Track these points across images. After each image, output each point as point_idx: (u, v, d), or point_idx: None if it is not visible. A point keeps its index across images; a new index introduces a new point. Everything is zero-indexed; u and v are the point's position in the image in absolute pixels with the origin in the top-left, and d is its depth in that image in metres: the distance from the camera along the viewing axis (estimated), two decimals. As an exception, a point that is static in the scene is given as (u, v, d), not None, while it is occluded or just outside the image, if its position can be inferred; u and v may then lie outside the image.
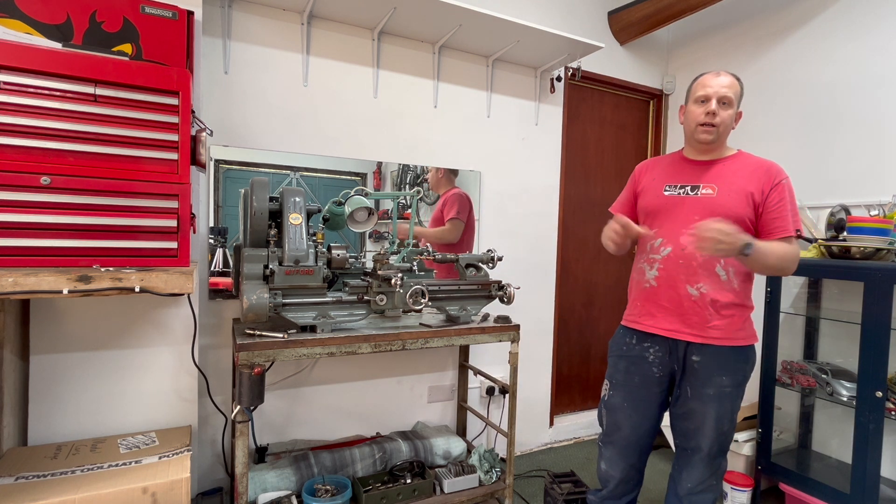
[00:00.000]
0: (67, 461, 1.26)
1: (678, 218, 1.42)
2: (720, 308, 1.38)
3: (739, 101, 1.42)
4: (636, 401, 1.52)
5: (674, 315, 1.42)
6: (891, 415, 1.73)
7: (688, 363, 1.43)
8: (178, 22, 1.39)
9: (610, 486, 1.60)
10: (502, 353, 2.43)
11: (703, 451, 1.45)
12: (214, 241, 1.82)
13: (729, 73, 1.41)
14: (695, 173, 1.46)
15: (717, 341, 1.38)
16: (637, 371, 1.51)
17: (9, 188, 1.08)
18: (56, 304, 1.41)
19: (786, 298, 2.14)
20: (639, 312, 1.51)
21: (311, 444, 1.96)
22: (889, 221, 1.84)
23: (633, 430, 1.53)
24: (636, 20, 2.65)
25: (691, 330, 1.40)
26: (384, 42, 2.13)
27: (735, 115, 1.42)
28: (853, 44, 2.11)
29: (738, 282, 1.39)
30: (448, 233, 2.28)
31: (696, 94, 1.42)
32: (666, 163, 1.56)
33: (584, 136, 2.83)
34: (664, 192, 1.48)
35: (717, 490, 1.48)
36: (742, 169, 1.41)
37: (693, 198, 1.42)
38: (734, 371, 1.40)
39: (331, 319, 1.57)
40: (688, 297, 1.39)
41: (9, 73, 1.07)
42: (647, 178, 1.56)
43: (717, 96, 1.37)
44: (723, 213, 1.36)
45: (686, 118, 1.47)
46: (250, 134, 1.88)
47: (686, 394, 1.45)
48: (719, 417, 1.41)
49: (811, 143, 2.25)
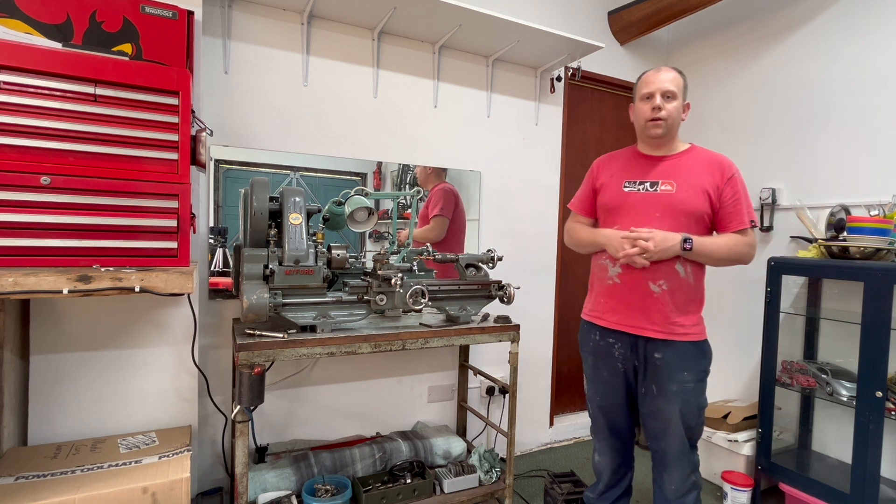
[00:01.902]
0: (67, 461, 1.26)
1: (639, 214, 1.47)
2: (680, 304, 1.44)
3: (684, 94, 1.48)
4: (607, 393, 1.58)
5: (638, 311, 1.46)
6: (891, 415, 1.73)
7: (650, 361, 1.47)
8: (178, 22, 1.39)
9: (604, 476, 1.67)
10: (502, 353, 2.43)
11: (675, 450, 1.49)
12: (214, 241, 1.82)
13: (671, 68, 1.46)
14: (652, 169, 1.50)
15: (679, 337, 1.43)
16: (605, 366, 1.57)
17: (9, 188, 1.08)
18: (56, 304, 1.41)
19: (786, 298, 2.14)
20: (602, 309, 1.55)
21: (311, 443, 1.96)
22: (889, 221, 1.84)
23: (609, 420, 1.62)
24: (636, 20, 2.65)
25: (654, 326, 1.44)
26: (384, 42, 2.13)
27: (682, 106, 1.47)
28: (853, 43, 2.11)
29: (693, 278, 1.45)
30: (430, 231, 2.24)
31: (641, 91, 1.48)
32: (623, 158, 1.59)
33: (584, 136, 2.83)
34: (624, 189, 1.52)
35: (699, 485, 1.53)
36: (696, 164, 1.47)
37: (653, 194, 1.46)
38: (695, 367, 1.45)
39: (331, 319, 1.57)
40: (650, 294, 1.44)
41: (9, 73, 1.07)
42: (605, 175, 1.60)
43: (661, 91, 1.43)
44: (682, 208, 1.43)
45: (635, 116, 1.53)
46: (250, 134, 1.88)
47: (651, 392, 1.48)
48: (684, 414, 1.45)
49: (811, 143, 2.25)
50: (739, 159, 2.53)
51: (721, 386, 2.59)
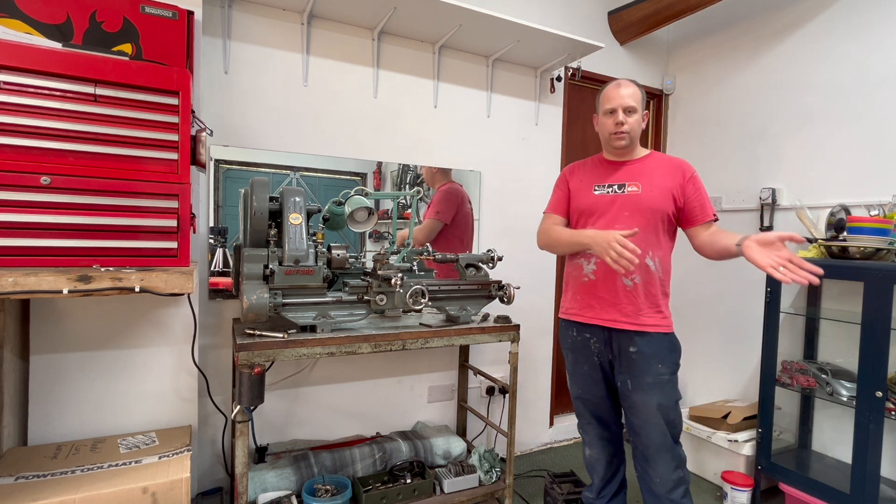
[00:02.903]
0: (67, 461, 1.26)
1: (609, 214, 1.56)
2: (650, 297, 1.52)
3: (643, 105, 1.58)
4: (589, 387, 1.65)
5: (612, 306, 1.54)
6: (891, 415, 1.73)
7: (624, 354, 1.54)
8: (178, 22, 1.39)
9: (599, 470, 1.70)
10: (502, 353, 2.43)
11: (657, 443, 1.52)
12: (214, 241, 1.82)
13: (630, 82, 1.56)
14: (617, 173, 1.60)
15: (651, 328, 1.50)
16: (584, 361, 1.64)
17: (9, 188, 1.08)
18: (56, 304, 1.41)
19: (786, 298, 2.14)
20: (579, 306, 1.62)
21: (311, 443, 1.96)
22: (889, 221, 1.84)
23: (593, 411, 1.68)
24: (636, 20, 2.65)
25: (627, 319, 1.52)
26: (384, 42, 2.13)
27: (641, 117, 1.57)
28: (853, 43, 2.11)
29: (662, 272, 1.54)
30: (419, 231, 2.23)
31: (604, 107, 1.58)
32: (590, 166, 1.70)
33: (584, 136, 2.83)
34: (594, 192, 1.61)
35: (686, 480, 1.56)
36: (658, 167, 1.57)
37: (622, 195, 1.56)
38: (667, 359, 1.52)
39: (331, 319, 1.57)
40: (623, 288, 1.52)
41: (9, 73, 1.07)
42: (574, 181, 1.69)
43: (622, 106, 1.53)
44: (648, 206, 1.52)
45: (600, 128, 1.63)
46: (250, 134, 1.88)
47: (627, 386, 1.54)
48: (662, 406, 1.50)
49: (811, 143, 2.25)
50: (739, 159, 2.54)
51: (721, 386, 2.59)
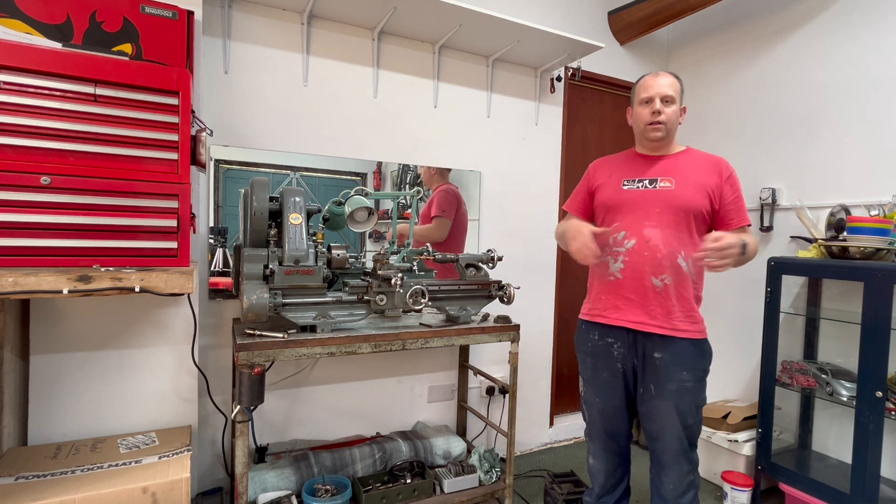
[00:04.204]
0: (67, 461, 1.26)
1: (639, 210, 1.47)
2: (682, 299, 1.43)
3: (681, 98, 1.50)
4: (606, 394, 1.56)
5: (639, 307, 1.45)
6: (891, 415, 1.73)
7: (648, 360, 1.46)
8: (178, 22, 1.39)
9: (599, 479, 1.65)
10: (502, 353, 2.43)
11: (673, 450, 1.48)
12: (214, 241, 1.82)
13: (668, 73, 1.48)
14: (650, 168, 1.51)
15: (680, 333, 1.42)
16: (604, 366, 1.55)
17: (9, 188, 1.08)
18: (56, 304, 1.41)
19: (786, 298, 2.14)
20: (604, 306, 1.53)
21: (311, 443, 1.96)
22: (889, 221, 1.84)
23: (608, 423, 1.59)
24: (636, 20, 2.65)
25: (655, 322, 1.43)
26: (384, 42, 2.13)
27: (679, 110, 1.49)
28: (853, 44, 2.11)
29: (695, 274, 1.45)
30: (433, 231, 2.25)
31: (640, 96, 1.49)
32: (620, 160, 1.61)
33: (584, 136, 2.83)
34: (623, 187, 1.52)
35: (696, 484, 1.52)
36: (694, 163, 1.48)
37: (652, 191, 1.47)
38: (694, 366, 1.44)
39: (331, 319, 1.57)
40: (653, 289, 1.43)
41: (9, 73, 1.07)
42: (602, 175, 1.61)
43: (660, 96, 1.45)
44: (681, 204, 1.43)
45: (634, 119, 1.54)
46: (250, 134, 1.88)
47: (650, 391, 1.47)
48: (682, 413, 1.44)
49: (811, 143, 2.25)
50: (739, 159, 2.54)
51: (721, 386, 2.59)
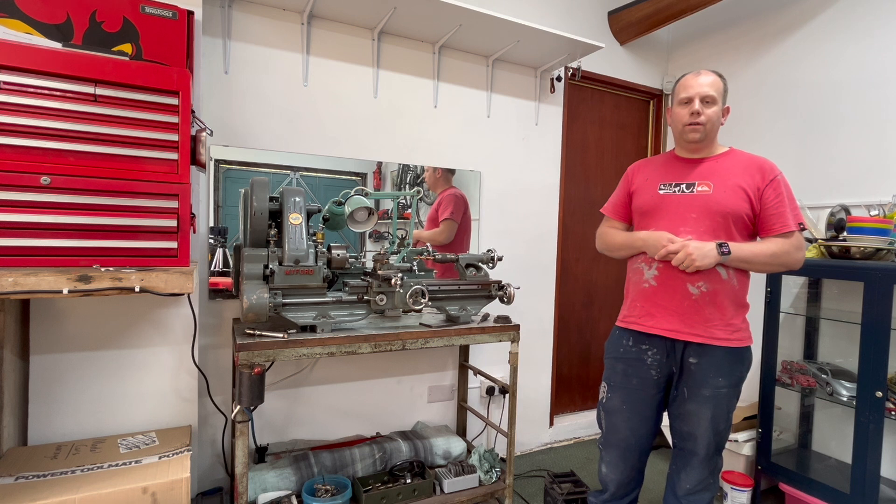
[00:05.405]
0: (67, 461, 1.26)
1: (675, 215, 1.43)
2: (719, 307, 1.37)
3: (724, 98, 1.43)
4: (635, 403, 1.51)
5: (674, 315, 1.41)
6: (891, 415, 1.73)
7: (685, 365, 1.43)
8: (178, 22, 1.39)
9: (610, 488, 1.60)
10: (502, 353, 2.43)
11: (700, 454, 1.46)
12: (214, 241, 1.82)
13: (711, 72, 1.42)
14: (688, 171, 1.46)
15: (717, 342, 1.37)
16: (635, 373, 1.50)
17: (9, 188, 1.08)
18: (56, 304, 1.41)
19: (786, 298, 2.14)
20: (639, 314, 1.49)
21: (311, 444, 1.96)
22: (889, 221, 1.84)
23: (632, 433, 1.52)
24: (636, 20, 2.65)
25: (691, 330, 1.39)
26: (384, 42, 2.13)
27: (721, 111, 1.43)
28: (853, 44, 2.11)
29: (737, 280, 1.39)
30: (441, 234, 2.27)
31: (680, 95, 1.44)
32: (659, 162, 1.56)
33: (584, 136, 2.83)
34: (659, 191, 1.48)
35: (714, 488, 1.49)
36: (735, 166, 1.42)
37: (689, 195, 1.43)
38: (730, 373, 1.40)
39: (331, 319, 1.57)
40: (688, 296, 1.38)
41: (9, 73, 1.07)
42: (640, 178, 1.57)
43: (700, 96, 1.39)
44: (719, 209, 1.37)
45: (673, 120, 1.49)
46: (250, 134, 1.88)
47: (683, 395, 1.45)
48: (715, 418, 1.41)
49: (811, 143, 2.25)
50: (739, 159, 2.54)
51: (721, 386, 2.59)
